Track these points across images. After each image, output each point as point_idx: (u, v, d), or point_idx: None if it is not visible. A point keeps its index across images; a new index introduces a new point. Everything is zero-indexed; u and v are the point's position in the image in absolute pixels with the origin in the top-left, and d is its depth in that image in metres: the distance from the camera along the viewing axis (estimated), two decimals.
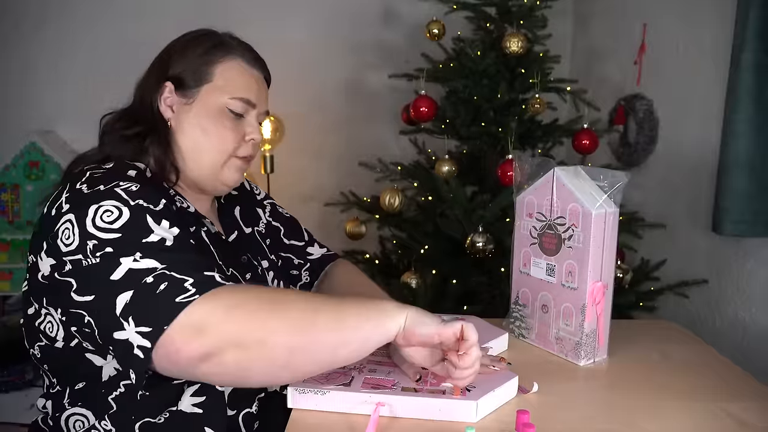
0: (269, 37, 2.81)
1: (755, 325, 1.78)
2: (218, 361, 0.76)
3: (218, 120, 1.01)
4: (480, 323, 1.16)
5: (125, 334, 0.77)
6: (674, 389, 0.98)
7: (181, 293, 0.76)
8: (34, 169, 2.50)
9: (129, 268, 0.79)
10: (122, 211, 0.84)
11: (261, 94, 1.07)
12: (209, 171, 1.02)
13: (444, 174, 1.97)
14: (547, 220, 1.09)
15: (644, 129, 2.23)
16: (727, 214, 1.71)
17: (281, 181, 2.73)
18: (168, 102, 1.01)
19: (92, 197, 0.85)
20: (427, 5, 2.18)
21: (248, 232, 1.16)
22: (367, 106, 2.87)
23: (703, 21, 1.99)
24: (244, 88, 1.03)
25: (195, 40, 1.04)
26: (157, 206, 0.87)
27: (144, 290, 0.77)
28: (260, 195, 1.28)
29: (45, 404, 0.95)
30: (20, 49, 2.67)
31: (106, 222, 0.83)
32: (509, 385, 0.93)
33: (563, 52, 2.57)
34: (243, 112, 1.03)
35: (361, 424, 0.84)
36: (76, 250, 0.82)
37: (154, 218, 0.85)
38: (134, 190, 0.87)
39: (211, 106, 1.01)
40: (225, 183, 1.05)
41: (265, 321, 0.77)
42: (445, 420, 0.86)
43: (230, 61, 1.03)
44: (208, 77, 1.01)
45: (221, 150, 1.02)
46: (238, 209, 1.17)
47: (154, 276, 0.78)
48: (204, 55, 1.01)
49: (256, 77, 1.06)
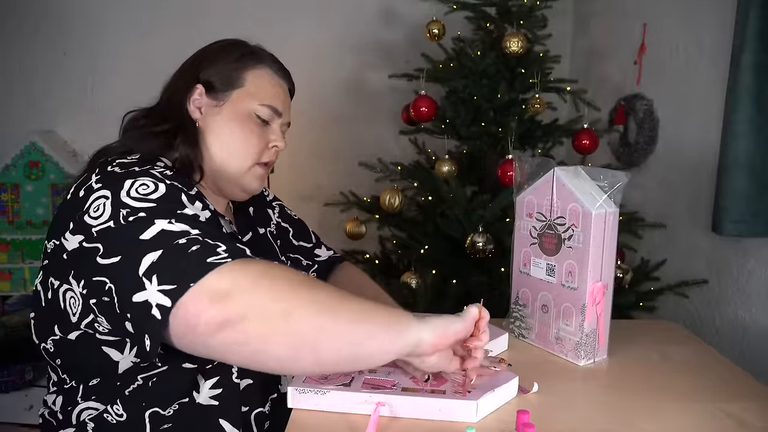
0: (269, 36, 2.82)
1: (755, 325, 1.78)
2: (240, 329, 0.72)
3: (246, 124, 1.04)
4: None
5: (145, 295, 0.74)
6: (674, 389, 0.98)
7: (213, 255, 0.74)
8: (34, 169, 2.50)
9: (162, 228, 0.77)
10: (158, 186, 0.85)
11: (286, 104, 1.11)
12: (234, 174, 1.05)
13: (444, 174, 1.97)
14: (547, 220, 1.09)
15: (644, 129, 2.23)
16: (727, 214, 1.71)
17: (281, 181, 2.73)
18: (197, 104, 1.04)
19: (127, 175, 0.86)
20: (427, 5, 2.18)
21: (261, 232, 1.19)
22: (367, 106, 2.88)
23: (703, 21, 1.99)
24: (273, 97, 1.07)
25: (227, 47, 1.08)
26: (190, 190, 0.91)
27: (174, 250, 0.75)
28: (269, 196, 1.30)
29: (55, 400, 0.94)
30: (21, 49, 2.68)
31: (141, 194, 0.83)
32: (509, 386, 0.93)
33: (563, 52, 2.57)
34: (269, 120, 1.07)
35: (361, 424, 0.84)
36: (108, 219, 0.80)
37: (189, 198, 0.87)
38: (169, 174, 0.90)
39: (241, 110, 1.04)
40: (245, 189, 1.07)
41: (294, 295, 0.75)
42: (445, 420, 0.86)
43: (261, 69, 1.07)
44: (240, 82, 1.05)
45: (247, 153, 1.04)
46: (251, 209, 1.20)
47: (187, 239, 0.77)
48: (236, 62, 1.05)
49: (283, 87, 1.10)
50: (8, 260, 2.50)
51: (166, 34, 2.57)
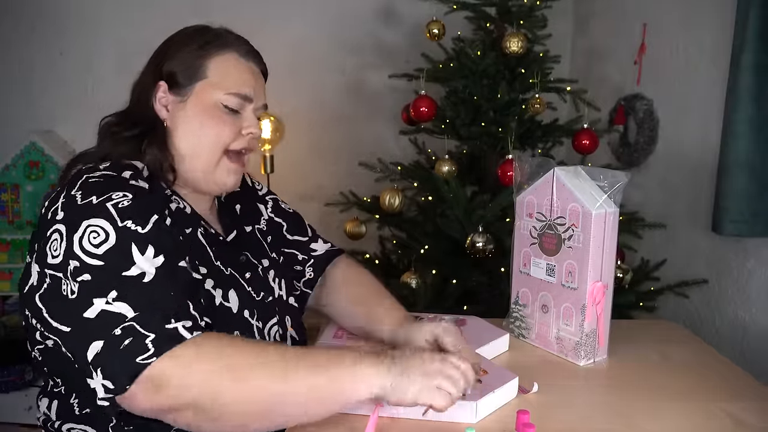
0: (269, 36, 2.82)
1: (755, 325, 1.78)
2: (178, 416, 0.80)
3: (212, 116, 1.00)
4: (480, 323, 1.16)
5: (94, 383, 0.79)
6: (674, 389, 0.98)
7: (141, 353, 0.78)
8: (34, 169, 2.50)
9: (102, 309, 0.80)
10: (108, 235, 0.84)
11: (258, 87, 1.05)
12: (203, 171, 1.01)
13: (444, 174, 1.97)
14: (547, 220, 1.09)
15: (644, 129, 2.23)
16: (727, 214, 1.71)
17: (281, 181, 2.73)
18: (163, 102, 1.01)
19: (84, 211, 0.86)
20: (427, 5, 2.18)
21: (248, 230, 1.15)
22: (367, 105, 2.87)
23: (703, 21, 1.99)
24: (240, 83, 1.01)
25: (188, 36, 1.03)
26: (145, 227, 0.87)
27: (112, 343, 0.79)
28: (262, 190, 1.26)
29: (49, 405, 0.94)
30: (20, 49, 2.67)
31: (92, 244, 0.83)
32: (509, 386, 0.93)
33: (563, 52, 2.57)
34: (239, 108, 1.02)
35: (360, 425, 0.84)
36: (58, 267, 0.84)
37: (140, 245, 0.85)
38: (125, 207, 0.87)
39: (206, 102, 0.99)
40: (218, 184, 1.03)
41: (220, 387, 0.79)
42: (444, 421, 0.86)
43: (225, 54, 1.01)
44: (202, 73, 1.00)
45: (216, 143, 1.00)
46: (238, 207, 1.16)
47: (122, 328, 0.79)
48: (198, 50, 1.00)
49: (252, 70, 1.05)
50: (8, 260, 2.50)
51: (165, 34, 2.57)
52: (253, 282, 1.03)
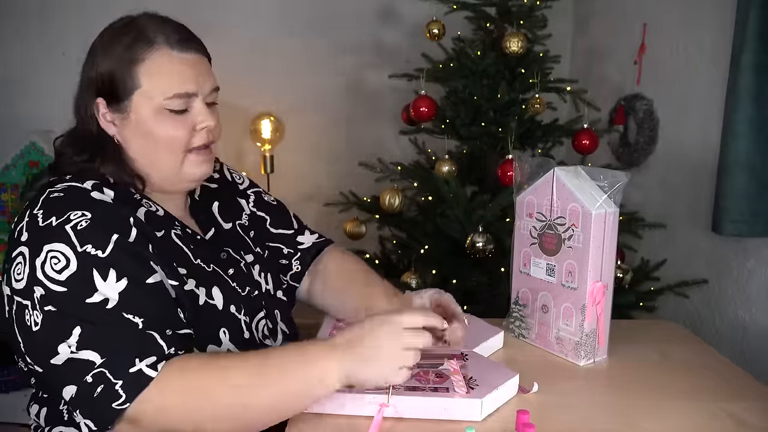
0: (269, 36, 2.83)
1: (755, 325, 1.78)
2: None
3: (160, 123, 0.94)
4: (476, 321, 1.16)
5: (77, 418, 0.84)
6: (674, 389, 0.98)
7: (115, 399, 0.80)
8: (34, 169, 2.50)
9: (68, 358, 0.82)
10: (69, 261, 0.84)
11: (200, 76, 0.96)
12: (169, 173, 0.98)
13: (444, 174, 1.97)
14: (547, 220, 1.09)
15: (644, 129, 2.23)
16: (727, 214, 1.71)
17: (281, 181, 2.73)
18: (108, 118, 0.96)
19: (45, 235, 0.86)
20: (427, 5, 2.18)
21: (228, 227, 1.12)
22: (367, 106, 2.87)
23: (703, 21, 1.99)
24: (179, 82, 0.94)
25: (112, 40, 0.95)
26: (105, 250, 0.86)
27: (85, 390, 0.81)
28: (243, 184, 1.22)
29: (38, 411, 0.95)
30: (22, 49, 2.67)
31: (54, 270, 0.84)
32: (510, 383, 0.93)
33: (563, 52, 2.57)
34: (185, 106, 0.96)
35: (362, 426, 0.84)
36: (23, 293, 0.85)
37: (101, 270, 0.84)
38: (84, 229, 0.86)
39: (148, 112, 0.94)
40: (190, 180, 1.00)
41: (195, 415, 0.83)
42: (450, 419, 0.86)
43: (153, 54, 0.93)
44: (135, 83, 0.93)
45: (173, 150, 0.96)
46: (216, 205, 1.12)
47: (93, 375, 0.81)
48: (124, 56, 0.93)
49: (188, 61, 0.95)
50: None
51: None
52: (237, 277, 1.02)
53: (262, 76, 2.74)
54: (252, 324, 1.01)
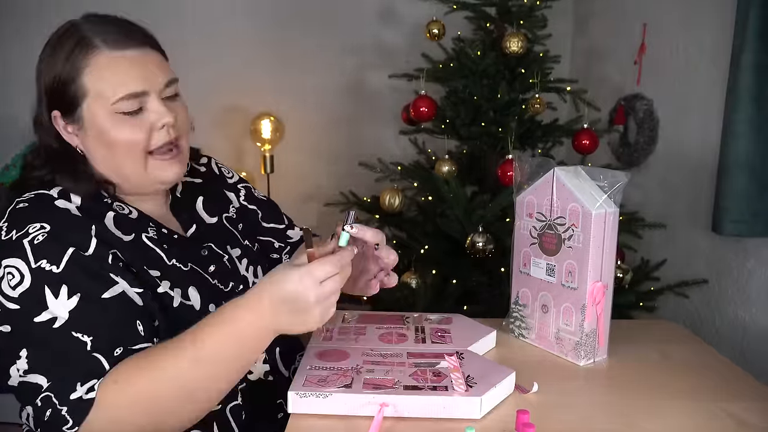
0: (269, 37, 2.83)
1: (755, 325, 1.78)
2: None
3: (115, 128, 0.91)
4: (466, 322, 1.16)
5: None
6: (674, 389, 0.98)
7: (64, 423, 0.80)
8: None
9: (20, 381, 0.83)
10: (24, 277, 0.84)
11: (148, 72, 0.92)
12: (136, 179, 0.96)
13: (444, 174, 1.97)
14: (547, 220, 1.09)
15: (644, 129, 2.23)
16: (727, 214, 1.71)
17: (281, 181, 2.73)
18: (69, 130, 0.94)
19: (4, 249, 0.86)
20: (427, 5, 2.18)
21: (213, 222, 1.10)
22: (367, 106, 2.88)
23: (703, 21, 1.99)
24: (125, 83, 0.90)
25: (54, 49, 0.93)
26: (60, 265, 0.85)
27: (38, 412, 0.82)
28: (233, 178, 1.20)
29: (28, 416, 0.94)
30: (21, 49, 2.67)
31: (10, 286, 0.84)
32: (508, 381, 0.93)
33: (563, 52, 2.57)
34: (139, 106, 0.91)
35: (362, 426, 0.84)
36: None
37: (53, 287, 0.84)
38: (40, 243, 0.85)
39: (100, 119, 0.91)
40: (160, 182, 0.97)
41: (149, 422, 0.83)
42: (449, 417, 0.86)
43: (93, 58, 0.90)
44: (82, 92, 0.91)
45: (133, 155, 0.93)
46: (200, 200, 1.10)
47: (41, 399, 0.81)
48: (66, 66, 0.91)
49: (131, 59, 0.91)
50: None
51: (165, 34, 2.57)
52: (219, 274, 1.02)
53: (262, 76, 2.74)
54: None
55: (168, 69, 0.96)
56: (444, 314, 1.19)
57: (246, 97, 2.74)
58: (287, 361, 1.09)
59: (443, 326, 1.13)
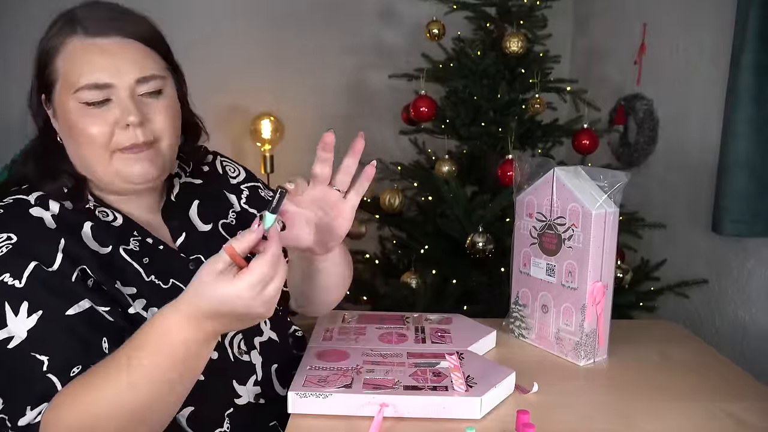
0: (269, 37, 2.83)
1: (755, 325, 1.78)
2: None
3: (79, 118, 0.86)
4: (466, 322, 1.16)
5: None
6: (674, 389, 0.98)
7: None
8: None
9: None
10: None
11: (120, 63, 0.86)
12: (103, 175, 0.89)
13: (444, 174, 1.97)
14: (547, 220, 1.09)
15: (644, 129, 2.23)
16: (727, 214, 1.71)
17: (281, 181, 2.72)
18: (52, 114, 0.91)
19: None
20: (427, 5, 2.18)
21: (206, 229, 1.01)
22: (367, 106, 2.87)
23: (703, 21, 1.99)
24: (89, 71, 0.84)
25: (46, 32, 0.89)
26: (22, 280, 0.81)
27: None
28: (237, 177, 1.12)
29: None
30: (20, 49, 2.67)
31: None
32: (507, 381, 0.93)
33: (563, 52, 2.57)
34: (103, 97, 0.85)
35: (362, 426, 0.84)
36: None
37: (13, 303, 0.80)
38: (4, 254, 0.82)
39: (66, 107, 0.86)
40: (127, 180, 0.89)
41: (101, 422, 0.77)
42: (449, 417, 0.86)
43: (68, 42, 0.86)
44: (54, 76, 0.87)
45: (95, 150, 0.87)
46: (196, 204, 1.03)
47: None
48: (47, 44, 0.88)
49: (103, 47, 0.86)
50: None
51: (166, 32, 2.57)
52: None
53: (262, 76, 2.74)
54: (224, 340, 0.93)
55: (150, 65, 0.89)
56: (444, 314, 1.19)
57: (246, 97, 2.74)
58: (284, 379, 0.99)
59: (443, 326, 1.13)
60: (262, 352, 0.99)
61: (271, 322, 1.03)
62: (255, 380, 0.97)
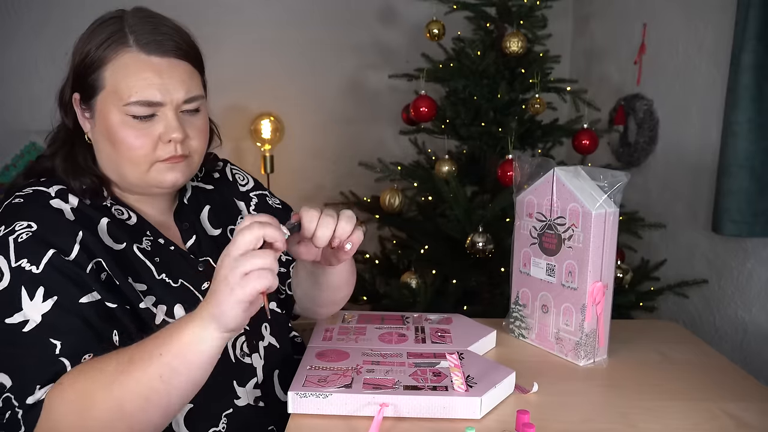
0: (269, 37, 2.83)
1: (755, 325, 1.78)
2: None
3: (123, 129, 0.89)
4: (466, 322, 1.16)
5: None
6: (674, 389, 0.98)
7: (18, 428, 0.79)
8: None
9: None
10: (3, 275, 0.83)
11: (170, 83, 0.89)
12: (135, 181, 0.93)
13: (444, 174, 1.97)
14: (547, 220, 1.09)
15: (644, 129, 2.23)
16: (727, 214, 1.71)
17: (281, 181, 2.73)
18: (87, 115, 0.93)
19: None
20: (427, 5, 2.18)
21: (216, 234, 1.05)
22: (367, 106, 2.88)
23: (703, 21, 2.00)
24: (142, 87, 0.88)
25: (93, 33, 0.92)
26: (39, 266, 0.83)
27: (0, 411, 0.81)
28: (246, 185, 1.15)
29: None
30: (20, 49, 2.68)
31: None
32: (507, 381, 0.93)
33: (563, 52, 2.57)
34: (150, 113, 0.89)
35: (362, 426, 0.84)
36: None
37: (30, 288, 0.82)
38: (24, 241, 0.84)
39: (110, 117, 0.89)
40: (158, 186, 0.94)
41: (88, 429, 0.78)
42: (449, 417, 0.86)
43: (121, 54, 0.88)
44: (100, 83, 0.90)
45: (135, 159, 0.91)
46: (207, 209, 1.07)
47: (3, 399, 0.80)
48: (97, 51, 0.89)
49: (157, 66, 0.89)
50: None
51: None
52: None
53: (262, 76, 2.74)
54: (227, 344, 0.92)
55: (195, 84, 0.93)
56: (444, 314, 1.19)
57: (246, 97, 2.74)
58: (285, 385, 0.99)
59: (443, 326, 1.13)
60: (263, 356, 1.00)
61: (272, 326, 1.04)
62: (255, 383, 0.98)
